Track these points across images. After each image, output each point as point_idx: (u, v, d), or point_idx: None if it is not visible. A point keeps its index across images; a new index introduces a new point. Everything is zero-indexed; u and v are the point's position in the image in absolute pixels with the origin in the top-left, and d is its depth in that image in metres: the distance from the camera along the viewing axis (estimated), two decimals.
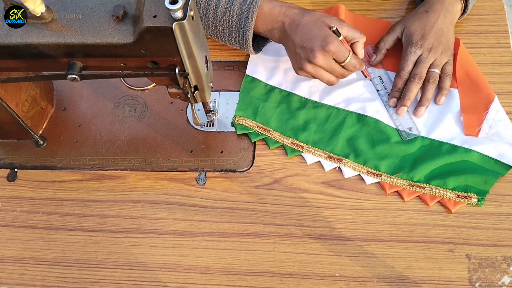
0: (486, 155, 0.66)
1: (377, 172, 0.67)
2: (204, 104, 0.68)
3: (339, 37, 0.66)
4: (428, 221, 0.64)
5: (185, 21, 0.48)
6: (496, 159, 0.66)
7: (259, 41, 0.75)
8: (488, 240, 0.62)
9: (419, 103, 0.71)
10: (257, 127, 0.71)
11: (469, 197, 0.64)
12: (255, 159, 0.71)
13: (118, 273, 0.65)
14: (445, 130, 0.69)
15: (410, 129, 0.70)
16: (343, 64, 0.67)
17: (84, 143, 0.74)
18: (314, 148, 0.70)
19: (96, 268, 0.66)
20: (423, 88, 0.71)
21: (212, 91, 0.69)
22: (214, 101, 0.75)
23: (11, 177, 0.73)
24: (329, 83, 0.70)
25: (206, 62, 0.59)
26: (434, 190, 0.65)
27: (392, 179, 0.66)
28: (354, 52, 0.69)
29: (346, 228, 0.65)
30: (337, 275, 0.62)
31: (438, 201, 0.65)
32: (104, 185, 0.71)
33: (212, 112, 0.72)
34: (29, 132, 0.72)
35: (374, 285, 0.61)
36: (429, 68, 0.71)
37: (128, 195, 0.70)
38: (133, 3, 0.52)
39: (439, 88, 0.71)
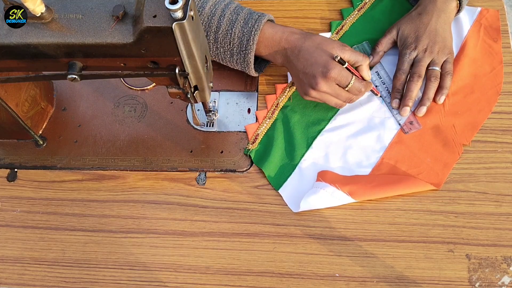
0: None
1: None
2: (204, 104, 0.69)
3: (343, 64, 0.65)
4: (428, 221, 0.64)
5: (185, 21, 0.48)
6: None
7: (261, 63, 0.75)
8: (488, 240, 0.62)
9: (420, 103, 0.70)
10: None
11: None
12: None
13: (118, 273, 0.65)
14: None
15: (411, 123, 0.70)
16: (346, 88, 0.66)
17: (84, 143, 0.74)
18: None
19: (96, 268, 0.66)
20: (425, 87, 0.71)
21: (212, 91, 0.69)
22: (214, 101, 0.75)
23: (11, 177, 0.73)
24: (337, 106, 0.69)
25: (206, 62, 0.59)
26: None
27: None
28: (360, 75, 0.68)
29: (346, 228, 0.65)
30: (337, 275, 0.62)
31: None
32: (104, 185, 0.71)
33: (212, 112, 0.72)
34: (29, 132, 0.72)
35: (374, 285, 0.61)
36: (428, 66, 0.71)
37: (128, 195, 0.70)
38: (133, 3, 0.52)
39: (439, 87, 0.71)
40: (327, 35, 0.79)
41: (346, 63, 0.65)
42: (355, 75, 0.66)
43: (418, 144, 0.69)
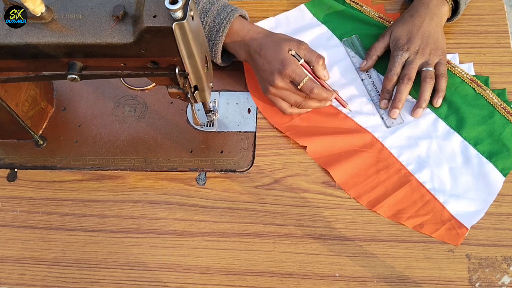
0: None
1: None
2: (204, 104, 0.69)
3: (299, 60, 0.67)
4: None
5: (185, 21, 0.48)
6: None
7: (229, 55, 0.75)
8: (488, 240, 0.62)
9: (416, 105, 0.70)
10: None
11: None
12: (255, 159, 0.71)
13: (118, 273, 0.65)
14: None
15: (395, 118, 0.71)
16: (299, 86, 0.67)
17: (84, 143, 0.74)
18: None
19: (96, 268, 0.66)
20: (421, 88, 0.70)
21: (212, 91, 0.69)
22: (214, 101, 0.75)
23: (11, 177, 0.73)
24: (297, 105, 0.70)
25: (206, 62, 0.59)
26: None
27: None
28: (317, 75, 0.69)
29: (346, 228, 0.65)
30: (337, 275, 0.62)
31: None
32: (104, 185, 0.71)
33: (212, 112, 0.72)
34: (29, 132, 0.72)
35: (374, 285, 0.61)
36: (422, 68, 0.70)
37: (128, 195, 0.70)
38: (133, 3, 0.52)
39: (435, 89, 0.70)
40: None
41: (302, 60, 0.67)
42: (311, 76, 0.68)
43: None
